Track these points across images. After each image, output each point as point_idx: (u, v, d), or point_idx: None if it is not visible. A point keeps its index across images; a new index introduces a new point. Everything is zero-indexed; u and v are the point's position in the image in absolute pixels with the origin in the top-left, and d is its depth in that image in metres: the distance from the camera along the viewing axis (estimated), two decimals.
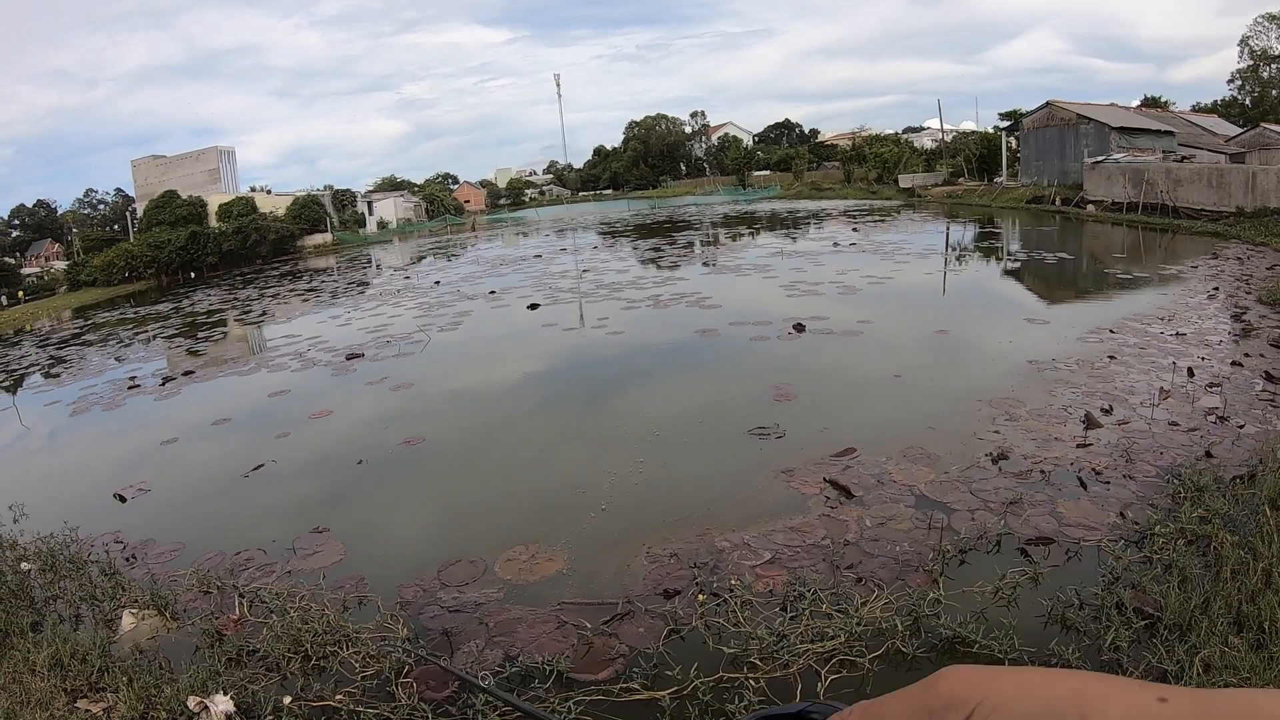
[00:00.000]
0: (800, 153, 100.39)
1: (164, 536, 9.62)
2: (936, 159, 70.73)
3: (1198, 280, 20.03)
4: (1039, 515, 7.74)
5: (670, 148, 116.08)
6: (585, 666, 5.95)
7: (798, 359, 14.89)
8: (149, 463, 13.08)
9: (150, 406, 17.56)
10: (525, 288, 28.37)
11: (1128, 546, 6.84)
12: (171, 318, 35.97)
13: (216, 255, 68.04)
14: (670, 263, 32.41)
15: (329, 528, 9.19)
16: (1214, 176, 34.19)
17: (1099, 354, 13.28)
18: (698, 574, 7.12)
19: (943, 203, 54.49)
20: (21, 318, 51.23)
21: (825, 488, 8.80)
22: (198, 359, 23.18)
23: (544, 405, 13.91)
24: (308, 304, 33.60)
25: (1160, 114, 59.61)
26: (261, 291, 41.57)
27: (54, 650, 6.54)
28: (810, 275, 24.69)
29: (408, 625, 6.77)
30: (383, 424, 13.37)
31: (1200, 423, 9.91)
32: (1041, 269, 25.05)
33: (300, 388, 16.85)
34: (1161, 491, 8.05)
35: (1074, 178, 45.20)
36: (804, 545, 7.55)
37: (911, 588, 6.48)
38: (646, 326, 19.49)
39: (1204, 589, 5.92)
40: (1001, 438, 9.81)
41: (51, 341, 34.60)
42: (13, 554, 9.12)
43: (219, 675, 6.10)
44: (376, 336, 21.55)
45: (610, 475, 9.82)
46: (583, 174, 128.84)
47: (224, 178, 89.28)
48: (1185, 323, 15.14)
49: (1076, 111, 48.46)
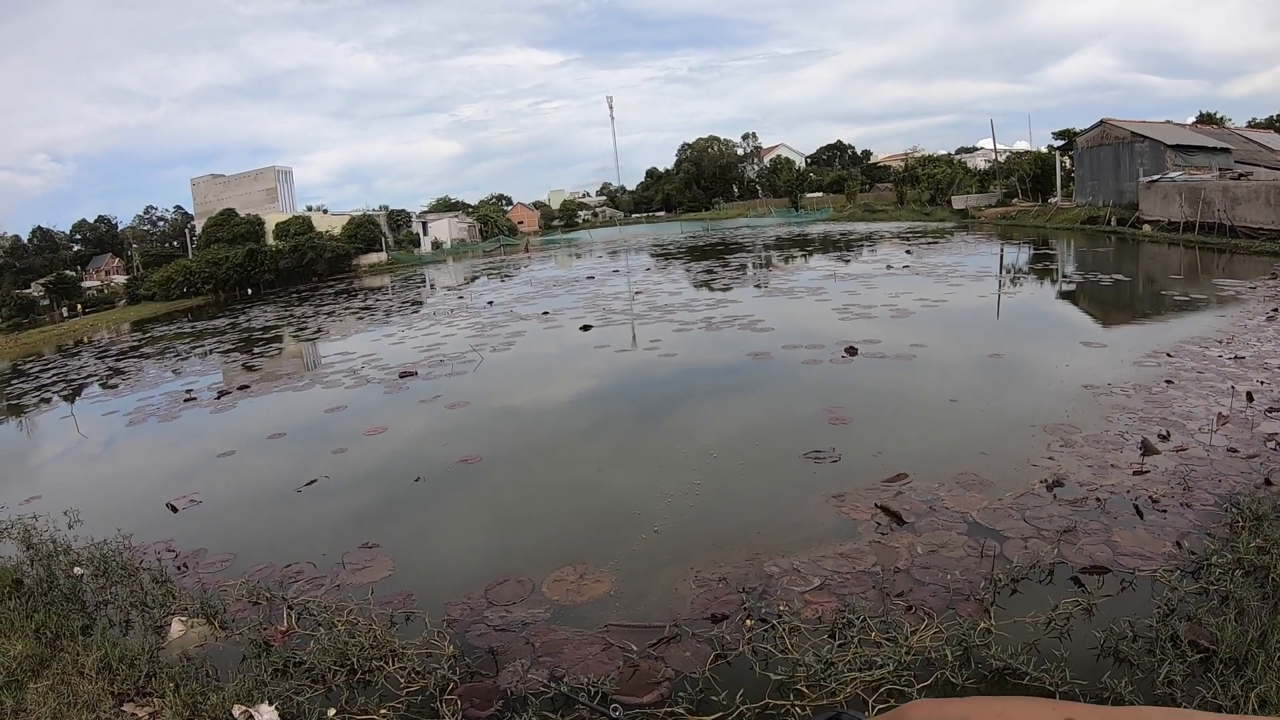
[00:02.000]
0: (853, 174, 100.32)
1: (215, 547, 9.77)
2: (990, 179, 70.23)
3: (1256, 301, 19.63)
4: (1093, 544, 7.60)
5: (722, 170, 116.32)
6: (630, 689, 5.93)
7: (850, 382, 14.78)
8: (203, 474, 13.28)
9: (205, 419, 17.84)
10: (578, 309, 28.49)
11: (1184, 577, 6.69)
12: (228, 333, 36.58)
13: (273, 273, 69.22)
14: (723, 285, 32.30)
15: (379, 543, 9.26)
16: (1272, 194, 33.48)
17: (1156, 378, 13.05)
18: (746, 599, 7.06)
19: (996, 224, 53.93)
20: (81, 329, 52.45)
21: (876, 513, 8.71)
22: (253, 374, 23.56)
23: (596, 426, 13.92)
24: (362, 322, 34.02)
25: (1216, 130, 58.58)
26: (317, 309, 42.14)
27: (103, 654, 6.65)
28: (863, 298, 24.51)
29: (454, 642, 6.78)
30: (438, 441, 13.48)
31: (1260, 449, 9.69)
32: (1097, 291, 24.70)
33: (355, 404, 17.03)
34: (1219, 520, 7.87)
35: (1129, 197, 44.55)
36: (854, 572, 7.48)
37: (962, 617, 6.40)
38: (699, 349, 19.44)
39: (1261, 622, 5.76)
40: (1056, 464, 9.65)
41: (110, 353, 35.35)
42: (66, 559, 9.32)
43: (264, 685, 6.17)
44: (430, 355, 21.76)
45: (662, 497, 9.80)
46: (635, 196, 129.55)
47: (281, 197, 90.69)
48: (1244, 345, 14.83)
49: (1131, 130, 47.81)
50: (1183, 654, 5.58)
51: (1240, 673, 5.33)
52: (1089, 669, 5.62)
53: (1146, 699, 5.27)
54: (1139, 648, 5.79)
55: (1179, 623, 5.93)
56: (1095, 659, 5.78)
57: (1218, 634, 5.68)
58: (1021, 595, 6.79)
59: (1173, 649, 5.65)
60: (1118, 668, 5.65)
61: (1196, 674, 5.47)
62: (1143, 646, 5.80)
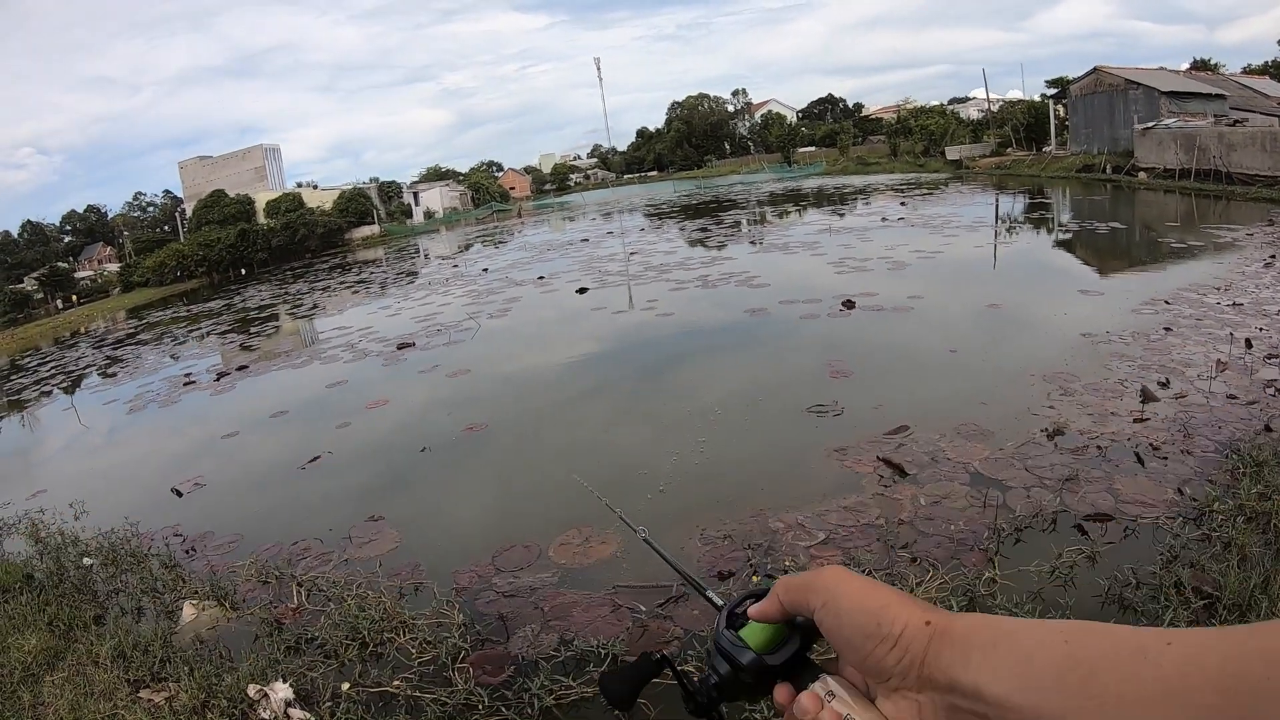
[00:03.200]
0: (845, 127, 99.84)
1: (222, 529, 9.80)
2: (983, 129, 69.79)
3: (1254, 248, 19.57)
4: (1096, 492, 7.63)
5: (714, 127, 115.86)
6: (640, 649, 5.97)
7: (849, 336, 14.78)
8: (206, 457, 13.32)
9: (206, 402, 17.87)
10: (573, 272, 28.42)
11: (1186, 524, 6.70)
12: (224, 314, 36.58)
13: (266, 251, 69.16)
14: (717, 243, 32.23)
15: (384, 516, 9.30)
16: (1268, 140, 33.33)
17: (1154, 326, 13.04)
18: (752, 555, 7.11)
19: (991, 174, 53.70)
20: (77, 320, 52.47)
21: (879, 466, 8.74)
22: (251, 354, 23.54)
23: (597, 388, 13.94)
24: (357, 295, 33.98)
25: (1211, 77, 58.22)
26: (311, 285, 42.09)
27: (117, 642, 6.69)
28: (859, 251, 24.45)
29: (463, 611, 6.83)
30: (441, 411, 13.50)
31: (1259, 395, 9.68)
32: (1094, 239, 24.62)
33: (354, 378, 17.04)
34: (1220, 467, 7.88)
35: (1124, 145, 44.33)
36: (858, 525, 7.52)
37: (967, 567, 6.45)
38: (696, 307, 19.42)
39: (1264, 567, 5.79)
40: (1056, 413, 9.65)
41: (107, 342, 35.37)
42: (75, 550, 9.34)
43: (278, 663, 6.21)
44: (427, 325, 21.74)
45: (666, 456, 9.84)
46: (627, 156, 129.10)
47: (270, 175, 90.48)
48: (1242, 292, 14.80)
49: (1125, 77, 47.51)
50: (1186, 601, 5.61)
51: (1244, 618, 5.35)
52: (1094, 616, 5.63)
53: None
54: (1143, 595, 5.83)
55: (1182, 569, 5.96)
56: (1100, 606, 5.81)
57: (1221, 580, 5.70)
58: (1025, 544, 6.82)
59: (1176, 596, 5.67)
60: (1122, 615, 5.68)
61: (1201, 620, 5.49)
62: (1147, 594, 5.84)
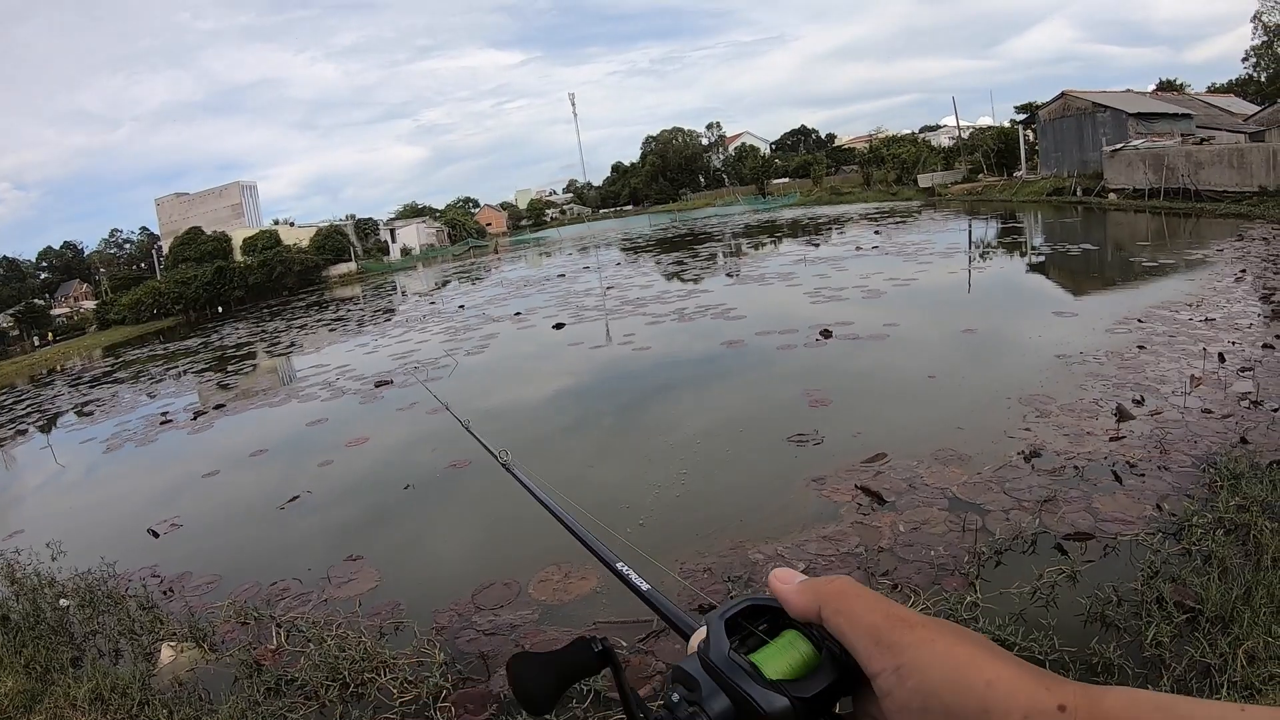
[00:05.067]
0: (818, 158, 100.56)
1: (201, 569, 9.68)
2: (954, 156, 70.46)
3: (1224, 263, 19.83)
4: (1074, 511, 7.65)
5: (688, 160, 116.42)
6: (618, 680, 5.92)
7: (826, 365, 14.82)
8: (185, 496, 13.19)
9: (183, 441, 17.71)
10: (550, 307, 28.39)
11: (1165, 539, 6.74)
12: (201, 352, 36.37)
13: (243, 289, 68.95)
14: (693, 276, 32.37)
15: (364, 555, 9.22)
16: (1234, 157, 33.88)
17: (1128, 344, 13.15)
18: (732, 587, 7.08)
19: (963, 200, 54.29)
20: (54, 358, 52.08)
21: (857, 494, 8.75)
22: (228, 392, 23.38)
23: (575, 424, 13.88)
24: (334, 333, 33.86)
25: (1177, 97, 59.20)
26: (289, 323, 41.95)
27: (94, 685, 6.60)
28: (834, 281, 24.57)
29: (444, 649, 6.77)
30: (421, 448, 13.37)
31: (1234, 409, 9.77)
32: (1066, 261, 24.88)
33: (333, 416, 16.91)
34: (1198, 481, 7.95)
35: (1094, 167, 44.89)
36: (838, 554, 7.50)
37: (948, 592, 6.44)
38: (674, 340, 19.42)
39: (1245, 579, 5.82)
40: (1033, 435, 9.71)
41: (83, 380, 35.09)
42: (51, 591, 9.22)
43: (258, 705, 6.15)
44: (404, 363, 21.62)
45: (650, 489, 9.82)
46: (602, 191, 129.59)
47: (247, 212, 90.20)
48: (1214, 307, 14.97)
49: (1092, 100, 48.21)
50: (1169, 615, 5.62)
51: (1227, 630, 5.38)
52: (1077, 635, 5.66)
53: (1135, 662, 5.32)
54: (1125, 611, 5.84)
55: (1163, 584, 5.98)
56: (1082, 625, 5.82)
57: (1202, 593, 5.73)
58: (1006, 566, 6.83)
59: (1159, 610, 5.69)
60: (1105, 632, 5.70)
61: (1184, 634, 5.52)
62: (1129, 610, 5.85)
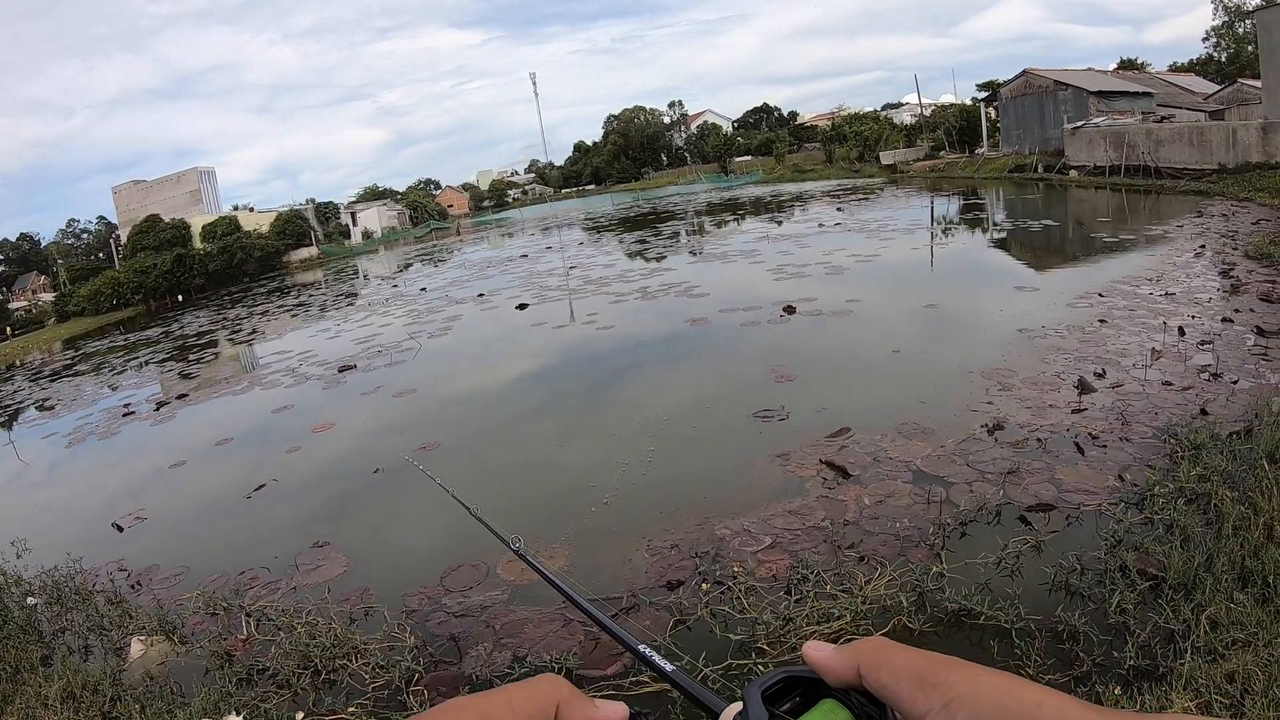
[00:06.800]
0: (780, 136, 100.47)
1: (168, 561, 9.61)
2: (917, 134, 70.78)
3: (1184, 239, 20.07)
4: (1038, 483, 7.75)
5: (650, 139, 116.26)
6: (593, 662, 5.95)
7: (790, 342, 14.88)
8: (151, 488, 13.07)
9: (146, 433, 17.55)
10: (513, 288, 28.34)
11: (1128, 509, 6.84)
12: (162, 342, 35.95)
13: (203, 277, 68.24)
14: (656, 254, 32.37)
15: (330, 541, 9.19)
16: (1194, 135, 34.26)
17: (1089, 318, 13.29)
18: (700, 563, 7.11)
19: (925, 177, 54.56)
20: (12, 353, 51.20)
21: (822, 469, 8.80)
22: (190, 382, 23.13)
23: (540, 405, 13.87)
24: (296, 319, 33.57)
25: (1138, 76, 59.74)
26: (250, 310, 41.55)
27: (65, 682, 6.53)
28: (797, 258, 24.70)
29: (415, 633, 6.77)
30: (390, 433, 13.33)
31: (1194, 381, 9.92)
32: (1027, 237, 25.07)
33: (298, 403, 16.80)
34: (1159, 452, 8.06)
35: (1055, 144, 45.24)
36: (804, 528, 7.56)
37: (914, 563, 6.50)
38: (637, 319, 19.47)
39: (1206, 547, 5.92)
40: (996, 408, 9.81)
41: (44, 374, 34.58)
42: (18, 589, 9.11)
43: (230, 696, 6.11)
44: (367, 347, 21.51)
45: (616, 467, 9.84)
46: (564, 171, 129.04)
47: (206, 198, 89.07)
48: (1174, 282, 15.16)
49: (1054, 78, 48.52)
50: (1132, 583, 5.71)
51: (1190, 597, 5.47)
52: (1043, 604, 5.74)
53: (1100, 629, 5.39)
54: (1089, 580, 5.93)
55: (1126, 553, 6.07)
56: (1048, 594, 5.91)
57: (1165, 561, 5.82)
58: (971, 538, 6.91)
59: (1122, 579, 5.78)
60: (1070, 601, 5.78)
61: (1147, 601, 5.61)
62: (1092, 579, 5.94)
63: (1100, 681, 4.93)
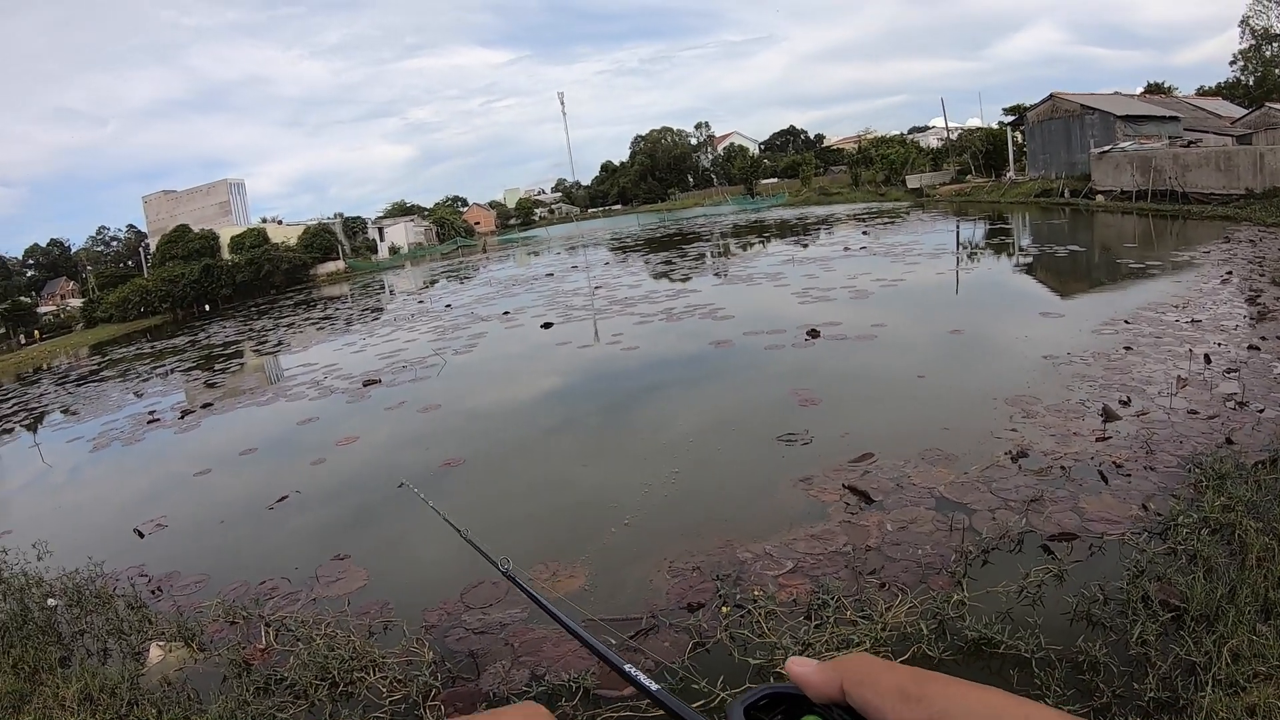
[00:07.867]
0: (807, 158, 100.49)
1: (189, 568, 9.66)
2: (943, 157, 70.69)
3: (1210, 265, 19.94)
4: (1061, 511, 7.70)
5: (677, 160, 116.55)
6: (611, 683, 5.94)
7: (814, 365, 14.83)
8: (173, 495, 13.13)
9: (170, 440, 17.65)
10: (539, 307, 28.37)
11: (1151, 539, 6.79)
12: (188, 351, 36.22)
13: (230, 287, 68.76)
14: (682, 275, 32.38)
15: (351, 554, 9.20)
16: (1221, 159, 34.07)
17: (1114, 345, 13.22)
18: (720, 586, 7.09)
19: (951, 201, 54.43)
20: (40, 356, 51.76)
21: (845, 494, 8.78)
22: (215, 391, 23.28)
23: (564, 423, 13.88)
24: (322, 332, 33.71)
25: (1164, 99, 59.47)
26: (276, 321, 41.80)
27: (83, 684, 6.58)
28: (822, 281, 24.62)
29: (433, 648, 6.78)
30: (415, 447, 13.39)
31: (1219, 409, 9.84)
32: (1053, 262, 24.99)
33: (322, 415, 16.87)
34: (1183, 481, 7.99)
35: (1081, 169, 45.11)
36: (825, 553, 7.53)
37: (935, 591, 6.46)
38: (662, 340, 19.45)
39: (1229, 578, 5.86)
40: (1020, 435, 9.75)
41: (70, 379, 34.90)
42: (39, 590, 9.16)
43: (247, 705, 6.12)
44: (392, 362, 21.57)
45: (639, 488, 9.83)
46: (591, 190, 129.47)
47: (235, 210, 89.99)
48: (1200, 309, 15.05)
49: (1080, 102, 48.45)
50: (1154, 614, 5.65)
51: (1211, 628, 5.41)
52: (1063, 634, 5.69)
53: (1121, 660, 5.34)
54: (1111, 610, 5.87)
55: (1149, 583, 6.02)
56: (1069, 624, 5.85)
57: (1187, 592, 5.76)
58: (992, 566, 6.86)
59: (1144, 609, 5.72)
60: (1091, 631, 5.73)
61: (1169, 633, 5.55)
62: (1114, 609, 5.88)
63: (1120, 713, 4.88)
